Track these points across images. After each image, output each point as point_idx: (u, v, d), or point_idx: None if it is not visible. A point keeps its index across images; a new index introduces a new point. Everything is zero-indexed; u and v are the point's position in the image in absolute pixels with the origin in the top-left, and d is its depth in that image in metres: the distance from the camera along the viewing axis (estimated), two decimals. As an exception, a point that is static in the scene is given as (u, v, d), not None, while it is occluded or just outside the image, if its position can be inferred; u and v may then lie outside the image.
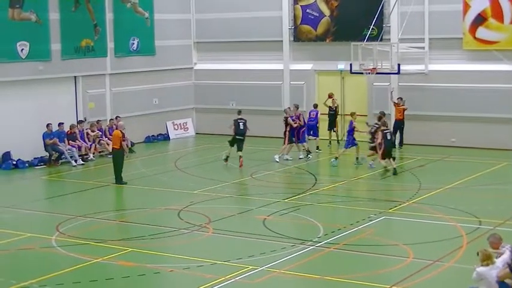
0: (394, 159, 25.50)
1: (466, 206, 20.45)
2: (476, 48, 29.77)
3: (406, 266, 15.53)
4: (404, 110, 29.86)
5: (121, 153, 24.54)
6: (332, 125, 31.35)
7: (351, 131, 26.83)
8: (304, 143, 28.26)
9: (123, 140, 24.66)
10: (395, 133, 29.76)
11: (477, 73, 29.67)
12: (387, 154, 25.21)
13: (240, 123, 26.86)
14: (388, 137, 25.44)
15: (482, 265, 11.64)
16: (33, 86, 28.74)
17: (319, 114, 29.80)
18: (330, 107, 31.23)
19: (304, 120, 28.63)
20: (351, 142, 26.84)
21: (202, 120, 35.61)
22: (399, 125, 30.03)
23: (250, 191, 23.61)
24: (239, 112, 27.52)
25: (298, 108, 28.83)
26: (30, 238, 18.24)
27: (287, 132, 27.71)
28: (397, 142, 29.81)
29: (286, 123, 27.83)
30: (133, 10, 32.72)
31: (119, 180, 24.37)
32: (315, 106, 30.28)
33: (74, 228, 18.98)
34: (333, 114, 31.27)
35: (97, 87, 31.31)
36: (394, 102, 30.21)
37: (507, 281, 11.53)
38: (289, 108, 29.10)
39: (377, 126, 25.92)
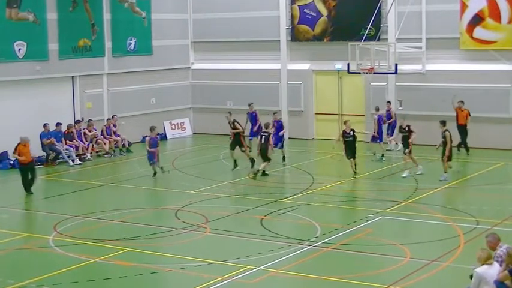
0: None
1: (464, 206, 20.47)
2: (474, 48, 29.78)
3: (404, 265, 15.53)
4: (467, 114, 28.33)
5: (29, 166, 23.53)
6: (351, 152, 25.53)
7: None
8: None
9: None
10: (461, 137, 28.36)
11: (474, 73, 29.66)
12: None
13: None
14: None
15: (484, 264, 11.55)
16: (30, 86, 28.73)
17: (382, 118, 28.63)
18: (344, 131, 26.18)
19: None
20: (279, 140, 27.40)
21: (200, 120, 35.60)
22: (463, 128, 28.42)
23: (247, 191, 23.57)
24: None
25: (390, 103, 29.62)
26: (27, 238, 18.27)
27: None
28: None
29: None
30: (130, 10, 32.70)
31: (28, 190, 23.29)
32: (377, 109, 28.75)
33: (71, 228, 18.97)
34: (351, 141, 25.46)
35: (94, 87, 31.31)
36: (457, 107, 28.59)
37: (507, 282, 11.54)
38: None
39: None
